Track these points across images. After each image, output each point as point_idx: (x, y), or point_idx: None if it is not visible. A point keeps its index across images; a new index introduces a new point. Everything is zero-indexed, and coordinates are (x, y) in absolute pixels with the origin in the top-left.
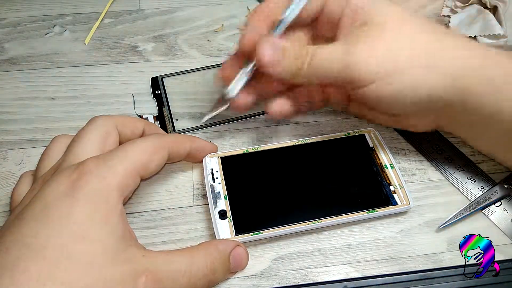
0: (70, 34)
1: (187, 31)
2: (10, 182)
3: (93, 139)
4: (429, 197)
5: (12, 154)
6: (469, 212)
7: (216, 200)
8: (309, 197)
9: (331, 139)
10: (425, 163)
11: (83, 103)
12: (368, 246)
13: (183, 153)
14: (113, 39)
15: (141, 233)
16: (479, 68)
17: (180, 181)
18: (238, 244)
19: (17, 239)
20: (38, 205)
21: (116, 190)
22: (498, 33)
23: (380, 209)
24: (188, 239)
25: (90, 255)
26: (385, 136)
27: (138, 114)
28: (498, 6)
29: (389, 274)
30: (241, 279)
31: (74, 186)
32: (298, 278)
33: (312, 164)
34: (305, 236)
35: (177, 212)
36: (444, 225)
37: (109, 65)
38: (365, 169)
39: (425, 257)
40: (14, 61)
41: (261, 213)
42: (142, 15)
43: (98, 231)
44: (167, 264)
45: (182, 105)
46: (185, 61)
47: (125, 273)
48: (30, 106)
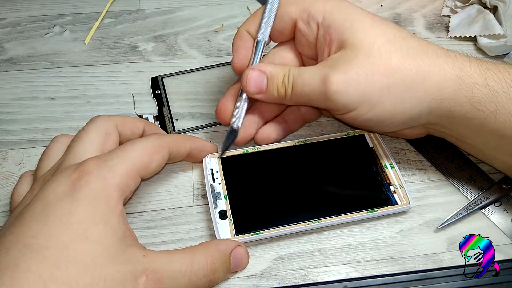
0: (70, 34)
1: (187, 31)
2: (10, 182)
3: (93, 139)
4: (429, 197)
5: (12, 154)
6: (468, 212)
7: (216, 200)
8: (309, 197)
9: (331, 139)
10: (425, 163)
11: (83, 103)
12: (368, 246)
13: (183, 153)
14: (113, 39)
15: (141, 233)
16: (457, 90)
17: (180, 181)
18: (239, 244)
19: (17, 239)
20: (38, 205)
21: (116, 190)
22: (498, 33)
23: (380, 209)
24: (188, 239)
25: (90, 255)
26: (385, 136)
27: (138, 114)
28: (498, 6)
29: (389, 274)
30: (241, 279)
31: (74, 186)
32: (298, 278)
33: (312, 164)
34: (305, 236)
35: (177, 212)
36: (443, 225)
37: (109, 65)
38: (365, 169)
39: (425, 257)
40: (14, 61)
41: (261, 213)
42: (142, 15)
43: (99, 231)
44: (168, 264)
45: (182, 105)
46: (185, 61)
47: (125, 273)
48: (30, 106)
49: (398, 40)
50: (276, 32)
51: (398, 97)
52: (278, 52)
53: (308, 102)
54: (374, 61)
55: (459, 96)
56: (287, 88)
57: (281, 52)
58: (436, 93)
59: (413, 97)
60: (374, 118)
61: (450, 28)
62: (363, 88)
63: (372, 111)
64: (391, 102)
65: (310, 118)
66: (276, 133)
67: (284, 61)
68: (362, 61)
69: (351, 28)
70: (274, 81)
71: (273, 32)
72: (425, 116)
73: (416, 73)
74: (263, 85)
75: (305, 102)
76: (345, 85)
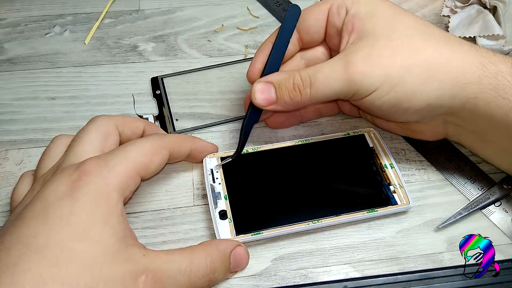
0: (70, 34)
1: (187, 31)
2: (10, 182)
3: (94, 139)
4: (429, 197)
5: (12, 154)
6: (468, 212)
7: (216, 201)
8: (309, 197)
9: (331, 139)
10: (425, 163)
11: (83, 103)
12: (368, 246)
13: (183, 153)
14: (113, 39)
15: (141, 233)
16: (481, 76)
17: (180, 181)
18: (239, 244)
19: (17, 239)
20: (38, 205)
21: (116, 190)
22: (497, 33)
23: (380, 209)
24: (188, 239)
25: (90, 255)
26: (385, 136)
27: (138, 114)
28: (497, 7)
29: (389, 274)
30: (241, 279)
31: (74, 186)
32: (298, 278)
33: (312, 164)
34: (305, 236)
35: (177, 212)
36: (443, 225)
37: (109, 65)
38: (365, 169)
39: (425, 257)
40: (14, 61)
41: (261, 213)
42: (142, 15)
43: (99, 231)
44: (168, 263)
45: (182, 105)
46: (185, 61)
47: (125, 272)
48: (30, 106)
49: (419, 27)
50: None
51: (419, 78)
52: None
53: (329, 95)
54: (395, 44)
55: (483, 81)
56: (302, 88)
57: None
58: (460, 77)
59: (434, 79)
60: (393, 99)
61: (450, 28)
62: (386, 67)
63: (392, 92)
64: (412, 83)
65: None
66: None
67: (316, 60)
68: (383, 44)
69: (372, 19)
70: (283, 87)
71: (305, 39)
72: (446, 104)
73: (438, 55)
74: (272, 95)
75: (326, 96)
76: (368, 65)
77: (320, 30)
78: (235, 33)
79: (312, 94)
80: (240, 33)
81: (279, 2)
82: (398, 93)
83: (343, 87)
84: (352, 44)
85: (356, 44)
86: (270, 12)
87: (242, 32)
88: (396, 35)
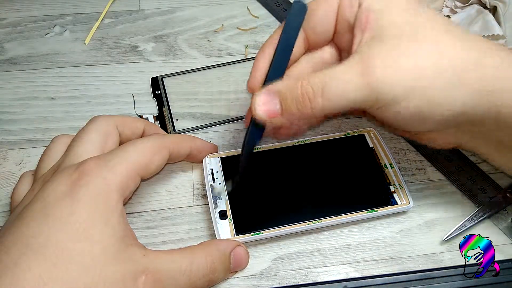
0: (70, 34)
1: (187, 31)
2: (10, 182)
3: (94, 139)
4: (429, 197)
5: (12, 154)
6: (473, 223)
7: (216, 201)
8: (309, 197)
9: (331, 139)
10: (425, 163)
11: (83, 103)
12: (368, 246)
13: (183, 153)
14: (113, 39)
15: (141, 233)
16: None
17: (180, 181)
18: (239, 244)
19: (17, 239)
20: (38, 205)
21: (116, 191)
22: (497, 33)
23: (380, 209)
24: (188, 239)
25: (90, 255)
26: (385, 136)
27: (138, 114)
28: (497, 7)
29: (389, 274)
30: (241, 279)
31: (74, 186)
32: (298, 278)
33: (312, 164)
34: (305, 236)
35: (177, 212)
36: (448, 237)
37: (109, 65)
38: (365, 169)
39: (425, 257)
40: (14, 61)
41: (261, 213)
42: (142, 15)
43: (99, 231)
44: (167, 263)
45: (182, 105)
46: (185, 61)
47: (125, 272)
48: (30, 106)
49: (443, 26)
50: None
51: (448, 84)
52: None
53: (344, 105)
54: (421, 45)
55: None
56: (313, 98)
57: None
58: (488, 81)
59: (463, 82)
60: (416, 109)
61: None
62: (412, 73)
63: (415, 100)
64: (440, 89)
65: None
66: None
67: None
68: (407, 45)
69: (391, 14)
70: (289, 97)
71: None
72: (469, 111)
73: (467, 58)
74: (276, 107)
75: (340, 106)
76: (391, 70)
77: (329, 27)
78: (235, 33)
79: (324, 105)
80: (240, 33)
81: (279, 2)
82: (421, 101)
83: (360, 96)
84: (369, 43)
85: (373, 43)
86: (270, 12)
87: (242, 32)
88: (421, 35)
